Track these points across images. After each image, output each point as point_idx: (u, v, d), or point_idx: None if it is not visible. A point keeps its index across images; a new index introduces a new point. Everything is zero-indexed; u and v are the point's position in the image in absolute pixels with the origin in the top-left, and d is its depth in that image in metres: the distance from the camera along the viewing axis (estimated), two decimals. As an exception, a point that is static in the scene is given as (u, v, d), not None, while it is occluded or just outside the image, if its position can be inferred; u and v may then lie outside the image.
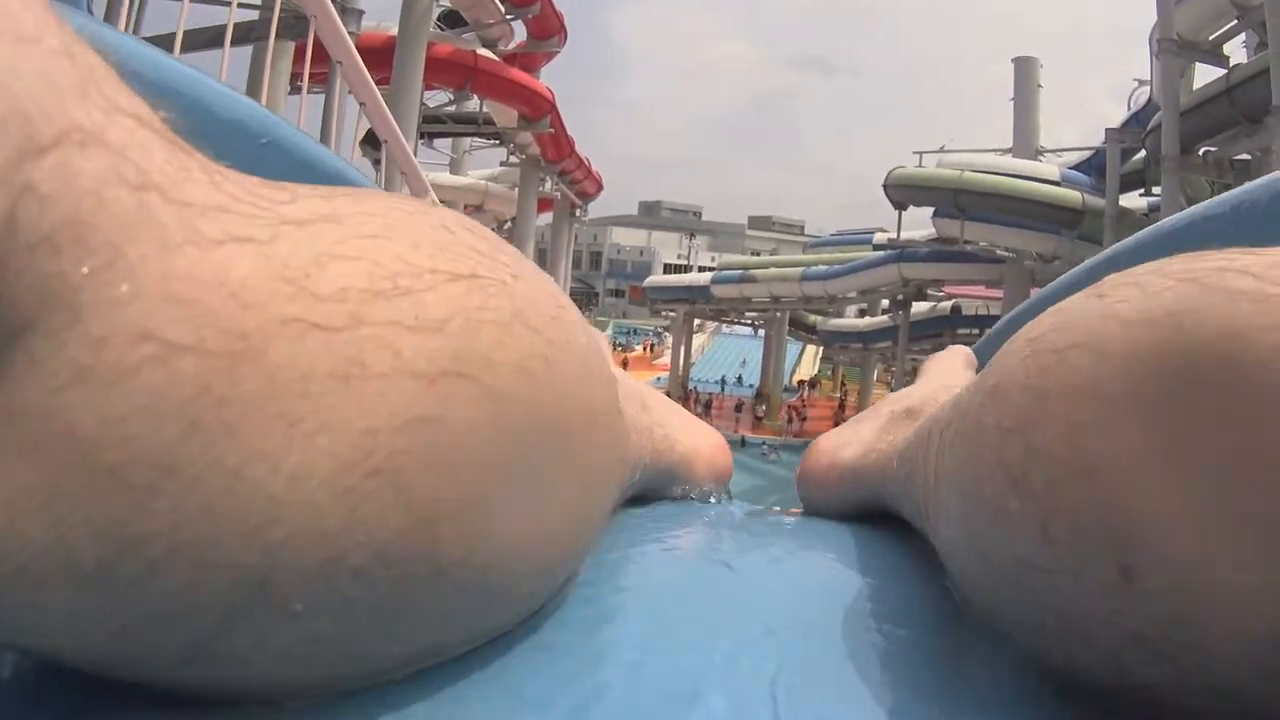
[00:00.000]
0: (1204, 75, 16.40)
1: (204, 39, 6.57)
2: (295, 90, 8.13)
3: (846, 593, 0.48)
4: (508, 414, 0.31)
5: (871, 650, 0.41)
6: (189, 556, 0.24)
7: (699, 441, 0.76)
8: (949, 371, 0.88)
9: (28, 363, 0.22)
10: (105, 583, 0.24)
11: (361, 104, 3.15)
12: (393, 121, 3.33)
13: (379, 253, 0.29)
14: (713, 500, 0.75)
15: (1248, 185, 0.66)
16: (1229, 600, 0.28)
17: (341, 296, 0.27)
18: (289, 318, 0.26)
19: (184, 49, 2.85)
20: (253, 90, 7.84)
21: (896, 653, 0.41)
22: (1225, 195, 0.68)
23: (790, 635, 0.41)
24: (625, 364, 38.87)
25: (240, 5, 3.03)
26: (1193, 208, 0.74)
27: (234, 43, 2.77)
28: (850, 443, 0.74)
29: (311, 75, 3.08)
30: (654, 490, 0.69)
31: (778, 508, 0.81)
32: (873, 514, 0.66)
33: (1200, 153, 16.05)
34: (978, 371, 0.75)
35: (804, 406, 34.88)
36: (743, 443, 30.04)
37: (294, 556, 0.26)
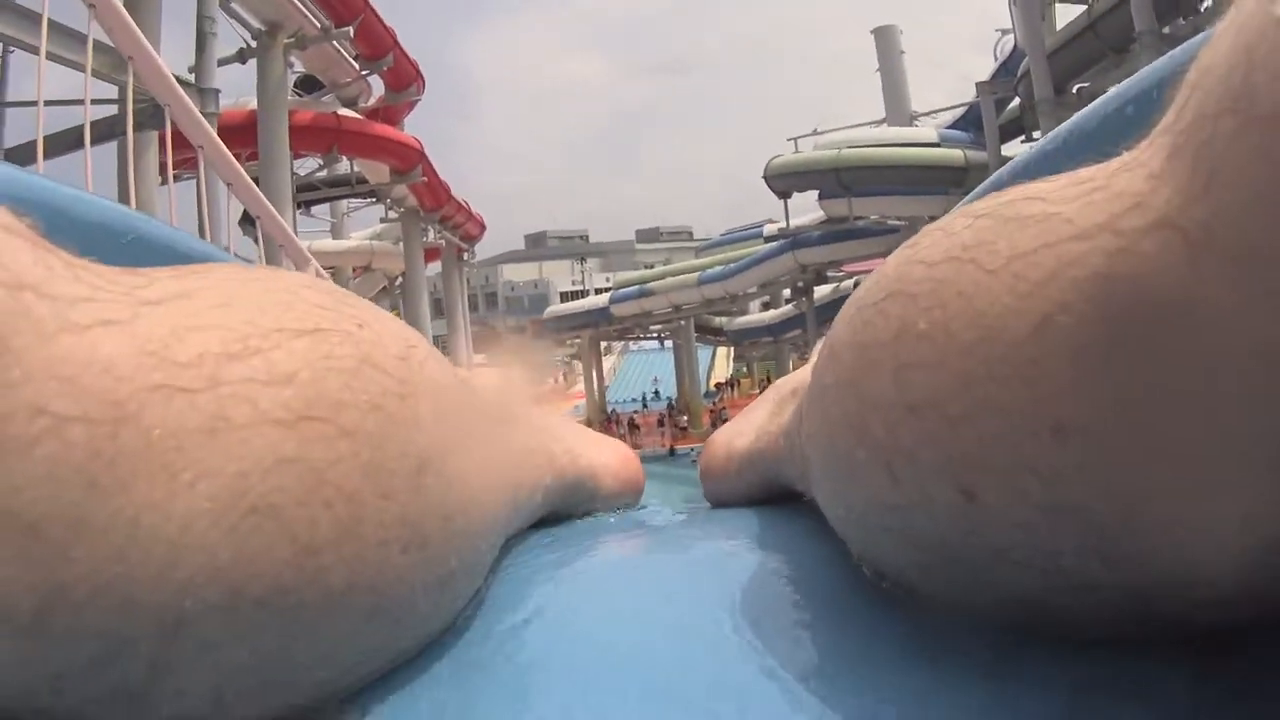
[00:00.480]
0: (1064, 15, 16.57)
1: (69, 141, 6.31)
2: (167, 180, 8.02)
3: (745, 573, 0.51)
4: (367, 448, 0.34)
5: (775, 622, 0.44)
6: (111, 599, 0.27)
7: (604, 456, 0.77)
8: None
9: None
10: (41, 630, 0.27)
11: (228, 184, 3.13)
12: (262, 198, 3.31)
13: (229, 320, 0.32)
14: (629, 511, 0.78)
15: (1077, 115, 0.66)
16: (1060, 495, 0.31)
17: (199, 362, 0.30)
18: (156, 384, 0.29)
19: (50, 154, 2.71)
20: (123, 184, 7.57)
21: (801, 623, 0.44)
22: (1058, 129, 0.67)
23: (694, 629, 0.44)
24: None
25: (95, 102, 2.81)
26: (1028, 148, 0.74)
27: (98, 140, 2.67)
28: (744, 432, 0.76)
29: (181, 162, 3.08)
30: (566, 508, 0.70)
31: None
32: (775, 496, 0.68)
33: (1074, 90, 16.26)
34: None
35: (721, 409, 35.04)
36: (672, 453, 30.17)
37: (200, 592, 0.29)
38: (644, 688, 0.37)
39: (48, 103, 2.58)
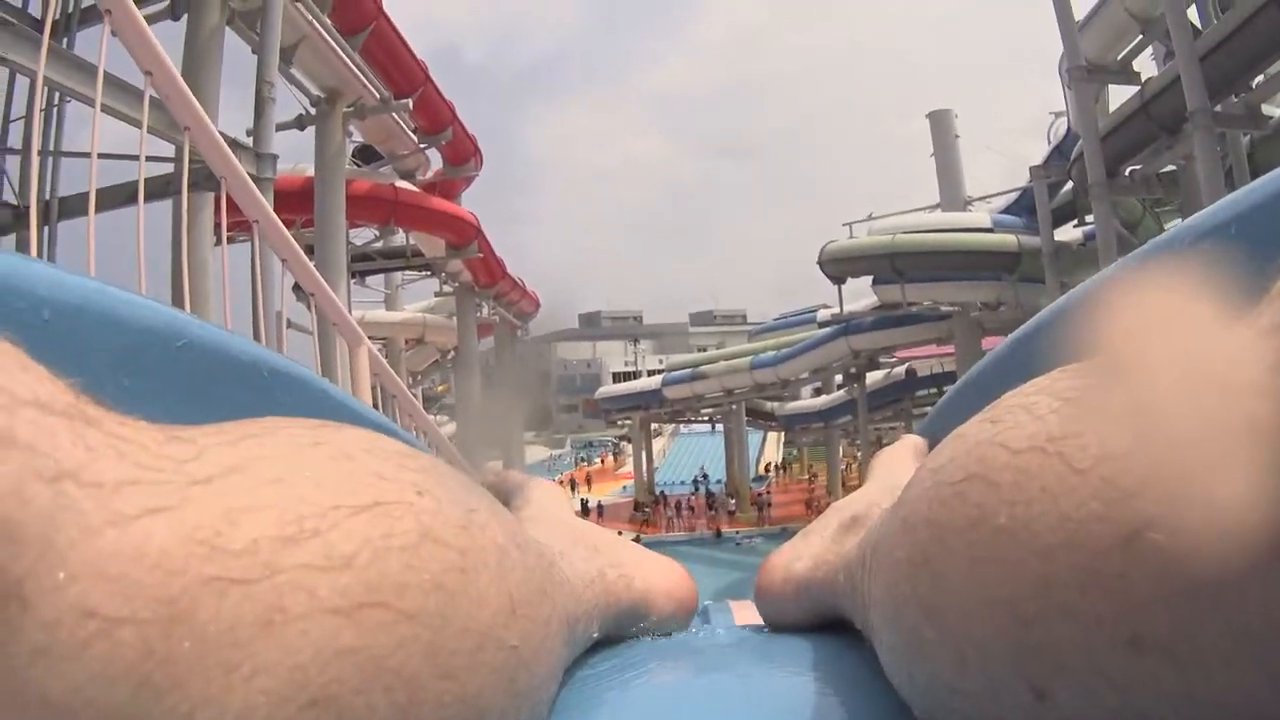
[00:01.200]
0: (1119, 97, 16.60)
1: (122, 195, 6.42)
2: (228, 241, 8.08)
3: (806, 706, 0.54)
4: (428, 630, 0.33)
5: None
6: None
7: (657, 576, 0.77)
8: (894, 469, 0.88)
9: None
10: None
11: (283, 260, 3.08)
12: (317, 275, 3.25)
13: (283, 498, 0.31)
14: (691, 629, 0.80)
15: (1174, 231, 0.61)
16: (1132, 702, 0.31)
17: (254, 549, 0.29)
18: (209, 577, 0.28)
19: (104, 207, 2.70)
20: (177, 245, 7.68)
21: None
22: (1132, 255, 0.65)
23: None
24: (589, 479, 38.56)
25: (150, 159, 2.85)
26: (1097, 276, 0.71)
27: (151, 197, 2.66)
28: (801, 556, 0.76)
29: (236, 224, 3.04)
30: (619, 630, 0.71)
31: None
32: (831, 623, 0.69)
33: (1127, 173, 16.21)
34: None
35: (767, 494, 34.90)
36: (718, 535, 30.05)
37: None
38: None
39: (101, 155, 2.60)
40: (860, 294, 25.71)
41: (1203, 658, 0.28)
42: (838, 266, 24.11)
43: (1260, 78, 13.23)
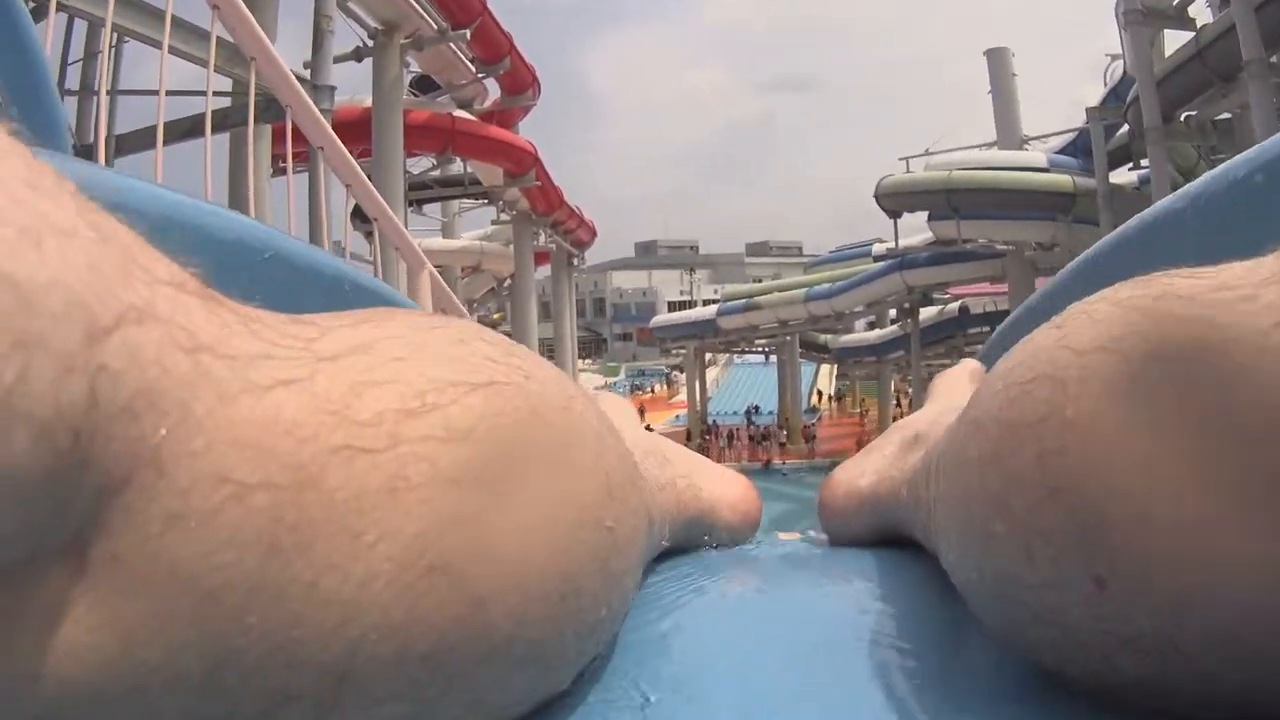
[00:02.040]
0: (1174, 42, 16.42)
1: (180, 130, 6.63)
2: (278, 172, 8.29)
3: (869, 617, 0.54)
4: (535, 503, 0.34)
5: (890, 669, 0.46)
6: (280, 659, 0.27)
7: (724, 488, 0.79)
8: (954, 390, 0.92)
9: (125, 515, 0.25)
10: (212, 689, 0.27)
11: (347, 186, 3.11)
12: (380, 199, 3.29)
13: (406, 374, 0.32)
14: (750, 544, 0.80)
15: (1206, 176, 0.67)
16: (1201, 595, 0.32)
17: (379, 420, 0.30)
18: (337, 446, 0.29)
19: (163, 141, 2.85)
20: (235, 176, 7.90)
21: (912, 669, 0.46)
22: (1184, 189, 0.68)
23: (818, 665, 0.47)
24: (642, 409, 38.74)
25: (203, 94, 2.99)
26: (1154, 206, 0.75)
27: (212, 130, 2.76)
28: (865, 472, 0.78)
29: (294, 155, 3.02)
30: (686, 540, 0.73)
31: (812, 532, 0.89)
32: (893, 538, 0.70)
33: (1182, 119, 16.09)
34: None
35: (814, 426, 34.88)
36: (766, 467, 30.14)
37: (369, 649, 0.29)
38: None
39: (169, 93, 2.76)
40: (916, 229, 25.57)
41: (1251, 540, 0.30)
42: (894, 201, 23.93)
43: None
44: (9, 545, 0.23)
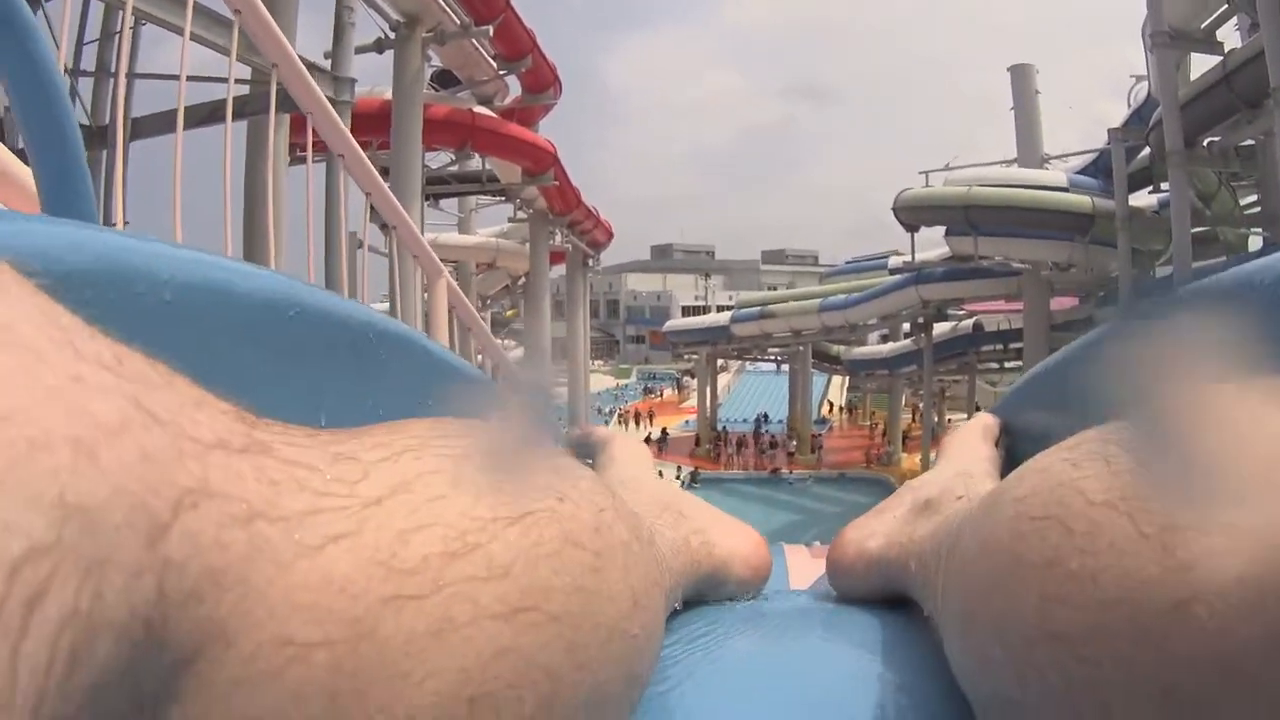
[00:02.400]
0: (1200, 65, 16.34)
1: (198, 116, 6.59)
2: (295, 161, 8.31)
3: (873, 678, 0.57)
4: (569, 629, 0.37)
5: None
6: None
7: (736, 543, 0.81)
8: (966, 450, 0.94)
9: (196, 683, 0.27)
10: None
11: (367, 194, 3.09)
12: (399, 207, 3.28)
13: (447, 514, 0.34)
14: (758, 597, 0.82)
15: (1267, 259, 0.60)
16: None
17: (424, 566, 0.32)
18: (388, 597, 0.31)
19: (166, 130, 2.84)
20: (251, 165, 7.89)
21: None
22: (1260, 263, 0.61)
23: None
24: (651, 414, 38.64)
25: (223, 80, 2.96)
26: (1229, 272, 0.65)
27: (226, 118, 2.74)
28: (875, 534, 0.80)
29: (314, 145, 2.96)
30: (698, 595, 0.75)
31: (818, 543, 0.98)
32: (899, 598, 0.72)
33: (1205, 144, 15.98)
34: (997, 441, 0.97)
35: (821, 436, 34.94)
36: (775, 473, 30.19)
37: None
38: None
39: (189, 78, 2.72)
40: (933, 244, 25.57)
41: (1224, 716, 0.32)
42: (912, 214, 24.00)
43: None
44: None
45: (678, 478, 25.27)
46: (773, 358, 39.30)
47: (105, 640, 0.23)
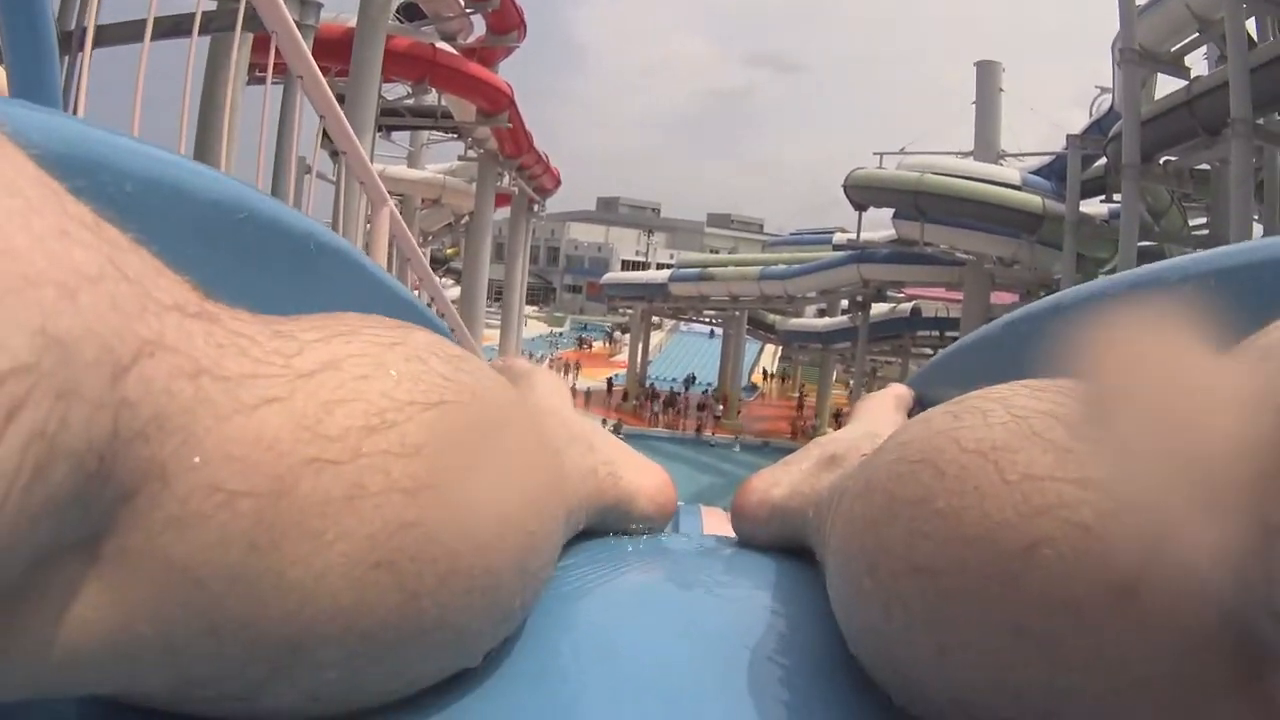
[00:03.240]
0: (1165, 86, 16.45)
1: (161, 29, 6.41)
2: (254, 81, 8.16)
3: (758, 613, 0.60)
4: (468, 512, 0.39)
5: (775, 668, 0.51)
6: (250, 633, 0.33)
7: (643, 479, 0.82)
8: (877, 415, 0.96)
9: (134, 517, 0.30)
10: (192, 654, 0.33)
11: (321, 117, 3.10)
12: (351, 133, 3.27)
13: (370, 392, 0.37)
14: (664, 535, 0.85)
15: (1212, 253, 0.64)
16: (1010, 677, 0.37)
17: (345, 435, 0.35)
18: (310, 458, 0.34)
19: (141, 37, 2.74)
20: (210, 84, 7.70)
21: (796, 671, 0.52)
22: (1185, 259, 0.66)
23: (714, 654, 0.52)
24: (578, 364, 38.48)
25: None
26: (1153, 266, 0.71)
27: (188, 32, 2.75)
28: (780, 483, 0.81)
29: (274, 67, 2.96)
30: (602, 525, 0.76)
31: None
32: (797, 548, 0.74)
33: (1160, 162, 16.21)
34: (910, 412, 0.98)
35: (744, 404, 35.26)
36: (698, 433, 30.34)
37: (320, 627, 0.35)
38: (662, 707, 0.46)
39: None
40: (879, 225, 25.64)
41: (1066, 657, 0.35)
42: (862, 193, 24.03)
43: (1309, 104, 13.07)
44: (39, 545, 0.27)
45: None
46: (707, 320, 39.35)
47: (63, 464, 0.26)
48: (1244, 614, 0.30)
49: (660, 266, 42.57)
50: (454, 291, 21.90)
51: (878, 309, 28.42)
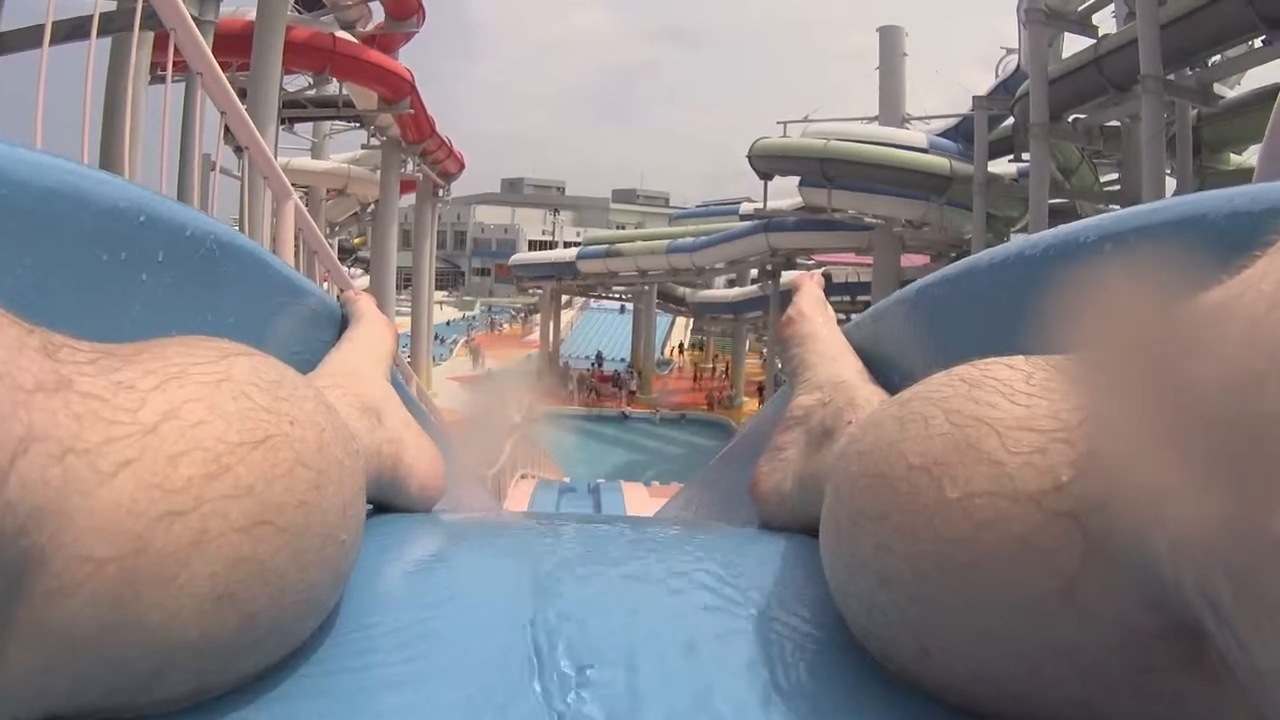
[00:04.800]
0: (1072, 45, 16.59)
1: (63, 32, 6.16)
2: (156, 80, 7.96)
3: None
4: (295, 538, 0.42)
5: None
6: (113, 668, 0.37)
7: (419, 462, 0.84)
8: (826, 349, 0.94)
9: (21, 594, 0.33)
10: (63, 690, 0.36)
11: (223, 113, 3.12)
12: (253, 129, 3.29)
13: (206, 439, 0.39)
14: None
15: (1135, 210, 0.62)
16: (989, 676, 0.41)
17: (188, 486, 0.38)
18: (160, 514, 0.37)
19: (36, 43, 2.70)
20: (113, 84, 7.47)
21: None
22: (1100, 218, 0.64)
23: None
24: (477, 349, 38.10)
25: None
26: (1065, 227, 0.68)
27: (89, 33, 2.80)
28: (787, 477, 0.81)
29: (175, 65, 2.98)
30: (373, 498, 0.77)
31: (656, 482, 1.74)
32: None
33: (1070, 120, 16.43)
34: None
35: (663, 378, 35.30)
36: (624, 416, 30.30)
37: (174, 658, 0.38)
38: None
39: None
40: (786, 194, 25.67)
41: (1028, 653, 0.39)
42: (767, 163, 24.11)
43: (1217, 58, 13.41)
44: None
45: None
46: (618, 296, 39.30)
47: None
48: (1177, 599, 0.32)
49: (568, 245, 42.49)
50: (362, 281, 21.63)
51: (787, 277, 28.47)
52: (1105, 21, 16.46)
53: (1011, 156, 20.49)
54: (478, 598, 0.59)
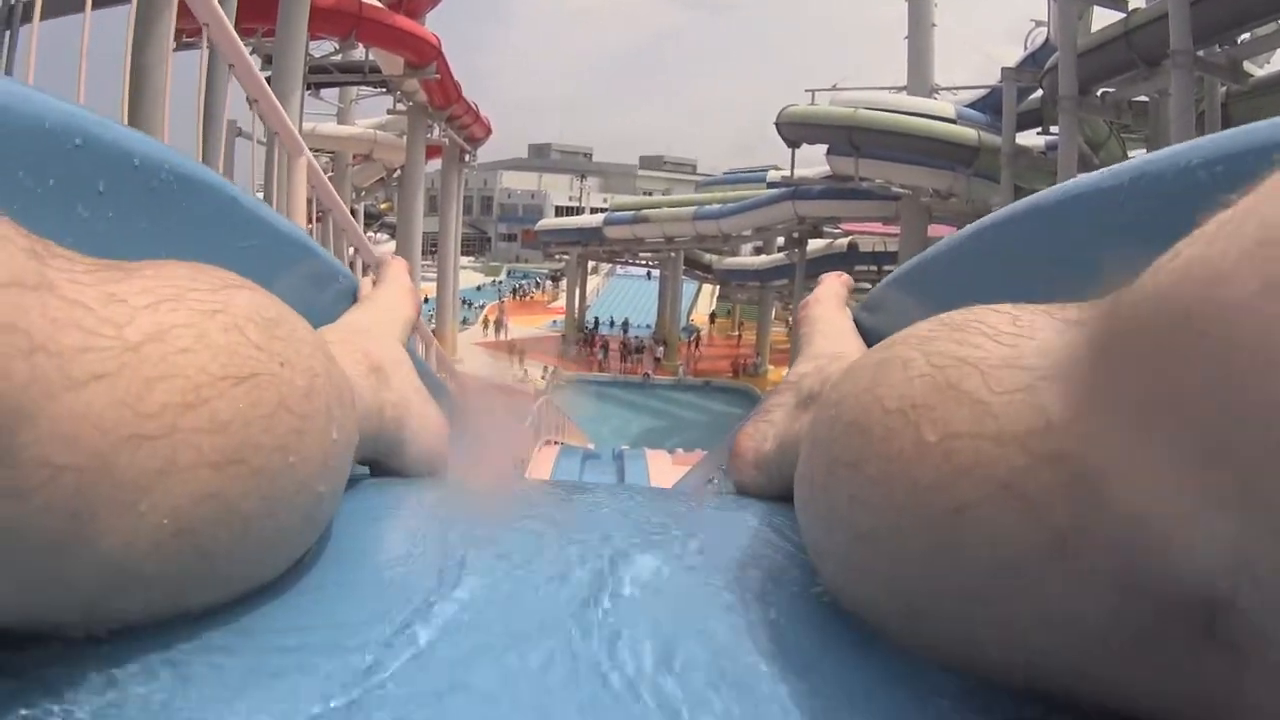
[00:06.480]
0: (1102, 18, 16.41)
1: (79, 2, 6.16)
2: (183, 46, 7.94)
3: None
4: (268, 483, 0.42)
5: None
6: (61, 588, 0.36)
7: (422, 431, 0.82)
8: (832, 330, 0.95)
9: None
10: (35, 594, 0.36)
11: (230, 65, 3.15)
12: (261, 81, 3.27)
13: (188, 368, 0.38)
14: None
15: (1147, 158, 0.59)
16: (972, 636, 0.38)
17: (162, 412, 0.37)
18: (129, 435, 0.36)
19: (63, 10, 2.98)
20: (138, 48, 7.46)
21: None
22: (1118, 167, 0.61)
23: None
24: (499, 320, 38.06)
25: None
26: (1079, 179, 0.66)
27: (110, 2, 2.90)
28: (768, 437, 0.80)
29: (195, 30, 3.01)
30: (370, 458, 0.77)
31: (680, 450, 1.48)
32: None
33: (1098, 94, 16.26)
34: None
35: (690, 344, 35.49)
36: (646, 378, 30.36)
37: (122, 587, 0.38)
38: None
39: None
40: (813, 162, 25.56)
41: (1017, 615, 0.35)
42: (795, 130, 23.89)
43: (1247, 35, 13.19)
44: None
45: (542, 377, 25.42)
46: (644, 263, 39.23)
47: None
48: (1186, 562, 0.29)
49: (595, 211, 42.38)
50: (389, 246, 21.70)
51: (814, 245, 28.43)
52: (1135, -4, 16.14)
53: (1040, 129, 20.16)
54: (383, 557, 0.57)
